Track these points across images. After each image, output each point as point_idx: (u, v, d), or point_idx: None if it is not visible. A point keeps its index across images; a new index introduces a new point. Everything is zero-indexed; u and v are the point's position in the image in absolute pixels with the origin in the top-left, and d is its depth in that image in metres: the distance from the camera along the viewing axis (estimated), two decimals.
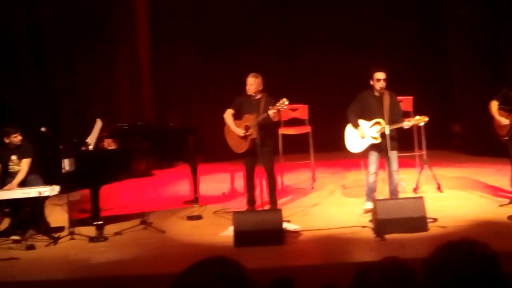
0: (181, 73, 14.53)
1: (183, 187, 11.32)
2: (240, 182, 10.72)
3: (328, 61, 13.97)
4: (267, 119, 9.16)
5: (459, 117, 13.84)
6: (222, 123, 9.85)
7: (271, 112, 9.02)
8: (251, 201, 9.66)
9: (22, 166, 9.45)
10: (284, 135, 11.30)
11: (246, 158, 9.54)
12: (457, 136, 13.91)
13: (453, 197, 10.10)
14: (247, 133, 9.40)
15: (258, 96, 9.37)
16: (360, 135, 9.30)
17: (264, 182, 9.48)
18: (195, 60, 14.41)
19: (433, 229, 8.42)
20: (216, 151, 12.32)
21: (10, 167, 9.50)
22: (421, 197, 8.82)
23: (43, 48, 13.23)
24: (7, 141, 9.43)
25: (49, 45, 13.26)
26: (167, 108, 14.51)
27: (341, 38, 14.14)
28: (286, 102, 9.06)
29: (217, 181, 11.85)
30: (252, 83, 9.35)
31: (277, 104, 9.03)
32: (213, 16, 14.37)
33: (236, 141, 9.58)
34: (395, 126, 9.07)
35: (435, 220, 8.62)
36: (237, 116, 9.58)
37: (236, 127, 9.53)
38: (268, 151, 9.39)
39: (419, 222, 8.38)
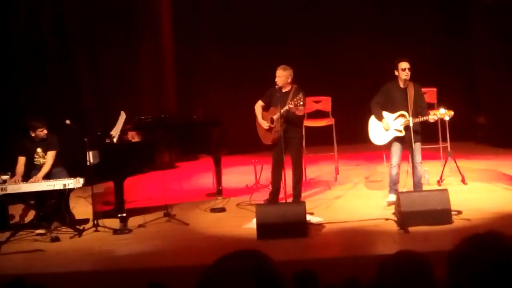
0: (204, 65, 14.55)
1: (207, 180, 11.34)
2: (264, 175, 10.71)
3: (351, 53, 13.92)
4: (288, 112, 9.15)
5: (484, 108, 13.73)
6: (246, 115, 9.87)
7: (291, 107, 9.04)
8: (274, 192, 9.65)
9: (47, 159, 9.51)
10: (307, 127, 11.26)
11: (273, 150, 9.57)
12: (481, 127, 13.80)
13: (477, 189, 10.03)
14: (272, 126, 9.42)
15: (287, 89, 9.38)
16: (384, 128, 9.27)
17: (289, 174, 9.46)
18: (218, 53, 14.42)
19: (457, 221, 8.38)
20: (240, 144, 12.36)
21: (36, 159, 9.57)
22: (445, 190, 8.76)
23: (68, 41, 13.30)
24: (32, 134, 9.50)
25: (74, 38, 13.33)
26: (191, 101, 14.53)
27: (364, 29, 14.08)
28: (302, 98, 9.04)
29: (240, 174, 11.86)
30: (280, 75, 9.37)
31: (295, 99, 9.02)
32: (237, 8, 14.35)
33: (263, 133, 9.65)
34: (420, 119, 9.02)
35: (459, 212, 8.58)
36: (267, 108, 9.61)
37: (262, 119, 9.57)
38: (294, 143, 9.38)
39: (443, 215, 8.33)
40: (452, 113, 9.01)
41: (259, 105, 9.70)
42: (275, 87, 9.43)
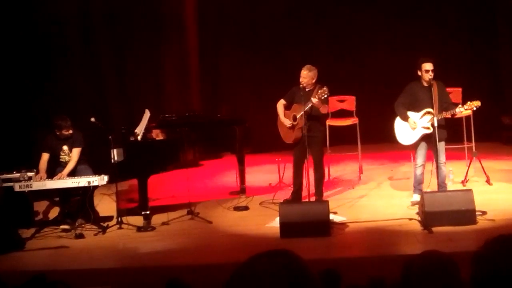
0: (229, 64, 14.56)
1: (230, 178, 11.36)
2: (287, 174, 10.71)
3: (376, 52, 13.87)
4: (312, 108, 9.13)
5: (510, 108, 13.63)
6: (270, 114, 9.88)
7: (314, 101, 9.02)
8: (296, 191, 9.65)
9: (72, 156, 9.57)
10: (331, 127, 11.26)
11: (295, 149, 9.57)
12: (507, 128, 13.69)
13: (502, 190, 9.95)
14: (294, 123, 9.41)
15: (310, 88, 9.36)
16: (411, 127, 9.21)
17: (312, 173, 9.46)
18: (243, 52, 14.42)
19: (481, 222, 8.33)
20: (263, 142, 12.36)
21: (61, 157, 9.63)
22: (469, 190, 8.71)
23: (94, 40, 13.37)
24: (58, 133, 9.56)
25: (100, 37, 13.40)
26: (215, 99, 14.55)
27: (388, 29, 14.02)
28: (326, 91, 9.04)
29: (264, 172, 11.86)
30: (305, 76, 9.36)
31: (319, 92, 9.02)
32: (262, 8, 14.33)
33: (285, 131, 9.63)
34: (447, 114, 8.96)
35: (483, 213, 8.52)
36: (289, 107, 9.60)
37: (284, 118, 9.55)
38: (316, 142, 9.36)
39: (467, 215, 8.28)
40: (479, 103, 8.90)
41: (281, 104, 9.69)
42: (297, 86, 9.44)
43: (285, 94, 9.69)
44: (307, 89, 9.35)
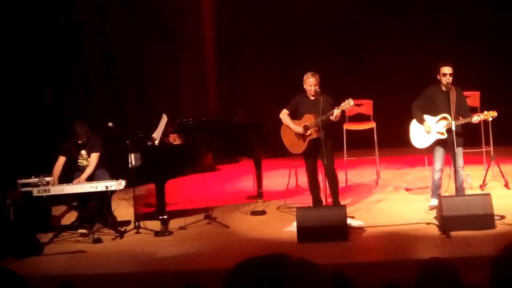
0: (246, 68, 14.55)
1: (247, 182, 11.36)
2: (304, 178, 10.69)
3: (394, 56, 13.81)
4: (329, 119, 9.00)
5: None
6: None
7: (336, 112, 8.86)
8: (317, 201, 9.46)
9: (91, 161, 9.61)
10: (348, 131, 11.22)
11: (306, 160, 9.45)
12: None
13: None
14: (306, 134, 9.26)
15: (316, 96, 9.23)
16: (426, 130, 9.19)
17: (327, 181, 9.36)
18: (260, 56, 14.40)
19: (500, 226, 8.29)
20: (280, 147, 12.33)
21: (80, 161, 9.68)
22: (488, 194, 8.66)
23: (111, 45, 13.41)
24: (75, 138, 9.59)
25: (117, 42, 13.43)
26: (232, 104, 14.55)
27: (406, 32, 13.96)
28: (352, 103, 8.95)
29: (281, 177, 11.83)
30: (316, 83, 9.17)
31: (342, 104, 8.90)
32: (281, 14, 14.30)
33: (293, 141, 9.44)
34: (463, 121, 8.94)
35: (502, 217, 8.47)
36: (294, 116, 9.42)
37: (295, 125, 9.34)
38: (329, 152, 9.15)
39: (486, 219, 8.25)
40: (495, 113, 8.91)
41: (285, 114, 9.44)
42: (300, 95, 9.34)
43: (288, 104, 9.51)
44: (312, 98, 9.28)
